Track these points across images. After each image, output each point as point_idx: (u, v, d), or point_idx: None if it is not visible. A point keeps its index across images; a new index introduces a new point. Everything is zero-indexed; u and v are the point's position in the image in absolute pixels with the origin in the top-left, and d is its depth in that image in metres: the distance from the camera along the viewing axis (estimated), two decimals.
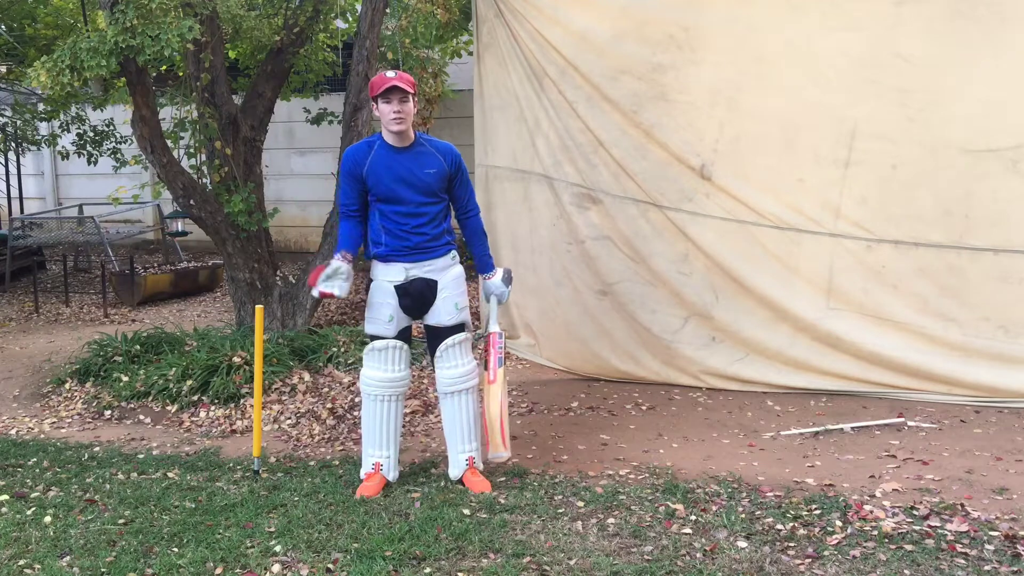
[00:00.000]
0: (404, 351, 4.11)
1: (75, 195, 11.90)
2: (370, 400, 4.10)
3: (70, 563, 3.38)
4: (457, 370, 4.10)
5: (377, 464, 4.11)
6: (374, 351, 4.08)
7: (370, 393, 4.09)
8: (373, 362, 4.08)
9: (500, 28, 5.81)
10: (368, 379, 4.09)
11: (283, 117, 9.55)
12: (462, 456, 4.14)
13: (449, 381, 4.11)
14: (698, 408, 5.28)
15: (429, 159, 4.05)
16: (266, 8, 6.93)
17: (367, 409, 4.13)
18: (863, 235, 5.17)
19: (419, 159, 4.04)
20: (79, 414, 5.62)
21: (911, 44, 4.96)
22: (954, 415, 4.93)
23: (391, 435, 4.13)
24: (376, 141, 4.07)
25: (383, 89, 3.92)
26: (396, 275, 4.06)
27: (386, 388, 4.08)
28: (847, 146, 5.13)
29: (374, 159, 4.01)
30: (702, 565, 3.22)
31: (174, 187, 6.24)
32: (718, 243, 5.41)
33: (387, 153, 4.02)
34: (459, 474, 4.13)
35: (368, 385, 4.09)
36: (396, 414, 4.13)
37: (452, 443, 4.16)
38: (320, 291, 4.03)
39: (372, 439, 4.12)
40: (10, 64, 9.53)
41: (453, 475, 4.14)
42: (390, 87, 3.91)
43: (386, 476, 4.12)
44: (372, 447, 4.12)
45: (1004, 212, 4.95)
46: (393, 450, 4.13)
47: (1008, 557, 3.20)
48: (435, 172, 4.04)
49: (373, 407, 4.10)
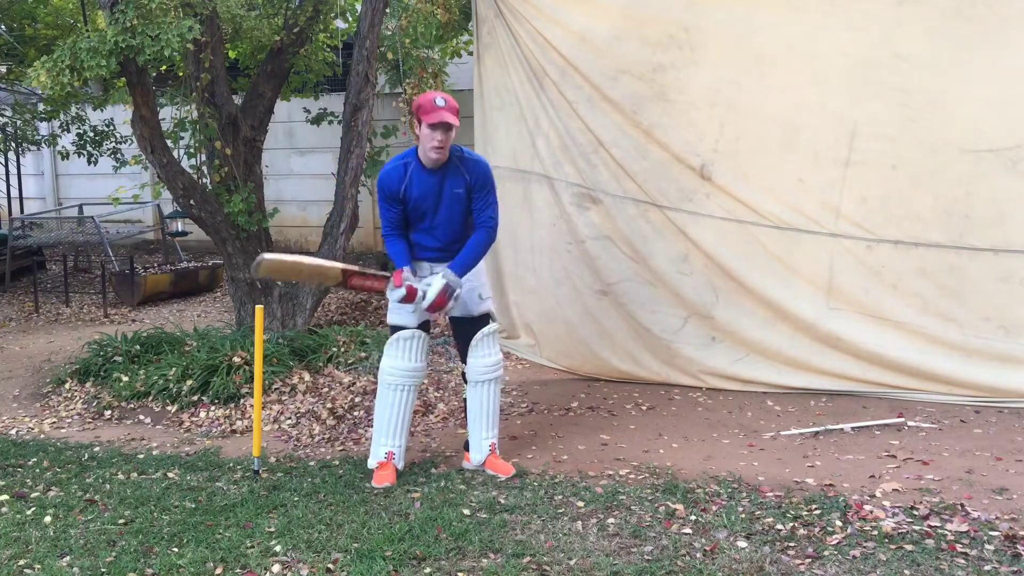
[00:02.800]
0: (425, 342, 4.24)
1: (75, 195, 11.89)
2: (389, 389, 4.18)
3: (70, 563, 3.38)
4: (489, 359, 4.24)
5: (390, 453, 4.21)
6: (399, 340, 4.15)
7: (391, 382, 4.17)
8: (397, 351, 4.16)
9: (500, 28, 5.82)
10: (391, 368, 4.17)
11: (283, 117, 9.55)
12: (485, 442, 4.27)
13: (482, 369, 4.23)
14: (698, 408, 5.28)
15: (458, 179, 4.14)
16: (266, 8, 6.93)
17: (384, 398, 4.20)
18: (863, 235, 5.17)
19: (451, 179, 4.12)
20: (79, 414, 5.62)
21: (911, 44, 4.96)
22: (954, 415, 4.93)
23: (405, 425, 4.25)
24: (411, 163, 4.11)
25: (435, 121, 3.95)
26: (423, 273, 4.19)
27: (406, 377, 4.18)
28: (847, 146, 5.13)
29: (409, 183, 4.09)
30: (702, 565, 3.22)
31: (174, 187, 6.24)
32: (718, 243, 5.41)
33: (421, 176, 4.10)
34: (482, 459, 4.27)
35: (390, 374, 4.17)
36: (411, 404, 4.27)
37: (476, 430, 4.29)
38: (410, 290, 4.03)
39: (386, 428, 4.21)
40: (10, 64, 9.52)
41: (476, 460, 4.27)
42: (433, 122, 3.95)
43: (396, 465, 4.22)
44: (385, 436, 4.21)
45: (1004, 212, 4.95)
46: (404, 440, 4.27)
47: (1008, 557, 3.20)
48: (462, 192, 4.15)
49: (392, 396, 4.18)
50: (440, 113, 3.96)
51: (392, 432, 4.21)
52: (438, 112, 3.96)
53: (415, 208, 4.12)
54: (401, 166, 4.12)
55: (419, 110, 4.01)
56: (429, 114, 3.96)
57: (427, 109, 3.97)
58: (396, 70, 8.10)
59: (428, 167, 4.10)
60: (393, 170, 4.12)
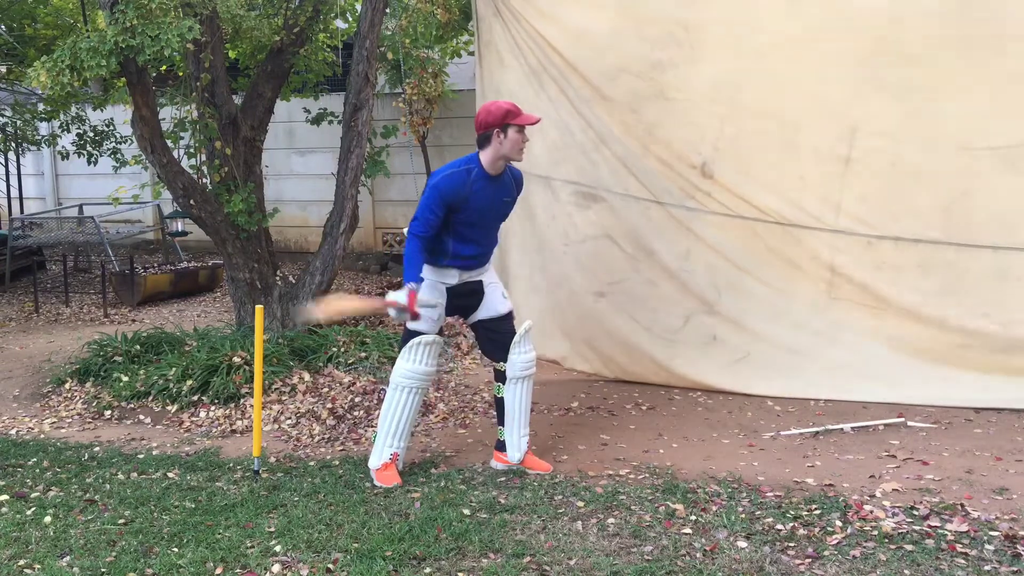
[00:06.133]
0: (440, 347, 4.31)
1: (75, 195, 11.89)
2: (403, 392, 4.21)
3: (70, 563, 3.38)
4: (530, 355, 4.33)
5: (395, 454, 4.24)
6: (420, 345, 4.18)
7: (406, 386, 4.20)
8: (416, 356, 4.19)
9: (499, 27, 5.82)
10: (408, 372, 4.20)
11: (283, 117, 9.55)
12: (524, 439, 4.32)
13: (524, 365, 4.29)
14: (698, 408, 5.28)
15: (508, 188, 4.24)
16: (266, 8, 6.92)
17: (396, 401, 4.22)
18: (863, 231, 5.17)
19: (503, 188, 4.21)
20: (79, 414, 5.62)
21: (911, 43, 4.97)
22: (954, 415, 4.93)
23: (410, 427, 4.32)
24: (474, 169, 4.10)
25: (529, 121, 4.07)
26: (451, 279, 4.22)
27: (422, 381, 4.24)
28: (847, 143, 5.14)
29: (472, 190, 4.09)
30: (702, 565, 3.22)
31: (174, 187, 6.24)
32: (719, 240, 5.41)
33: (485, 183, 4.13)
34: (521, 457, 4.30)
35: (407, 378, 4.20)
36: (419, 407, 4.34)
37: (516, 427, 4.32)
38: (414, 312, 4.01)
39: (394, 430, 4.23)
40: (10, 64, 9.53)
41: (515, 458, 4.30)
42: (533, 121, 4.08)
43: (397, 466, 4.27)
44: (392, 437, 4.24)
45: (1003, 210, 4.96)
46: (407, 441, 4.32)
47: (1008, 557, 3.20)
48: (510, 200, 4.28)
49: (405, 399, 4.21)
50: (530, 115, 4.11)
51: (399, 433, 4.25)
52: (528, 115, 4.09)
53: (470, 215, 4.09)
54: (464, 172, 4.09)
55: (506, 116, 4.04)
56: (520, 116, 4.05)
57: (516, 112, 4.06)
58: (396, 70, 8.11)
59: (493, 175, 4.12)
60: (456, 175, 4.08)
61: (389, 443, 4.23)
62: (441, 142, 9.89)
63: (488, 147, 4.07)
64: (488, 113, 4.06)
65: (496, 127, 4.03)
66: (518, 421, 4.32)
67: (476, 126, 4.09)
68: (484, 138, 4.07)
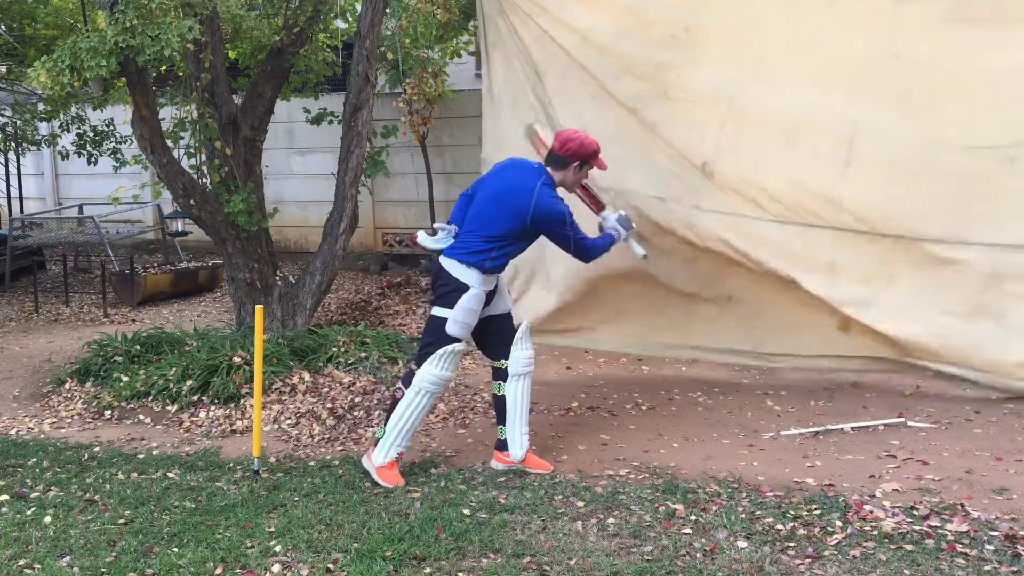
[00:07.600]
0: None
1: (75, 195, 11.88)
2: (424, 396, 4.23)
3: (70, 563, 3.38)
4: (530, 351, 4.41)
5: (401, 453, 4.28)
6: (451, 353, 4.22)
7: (428, 390, 4.23)
8: (444, 362, 4.22)
9: (504, 27, 5.83)
10: (434, 377, 4.22)
11: (283, 117, 9.55)
12: (526, 436, 4.35)
13: (525, 362, 4.37)
14: (698, 408, 5.28)
15: None
16: (266, 8, 6.93)
17: (415, 404, 4.23)
18: (864, 230, 5.17)
19: None
20: (79, 414, 5.62)
21: (911, 43, 4.98)
22: (954, 415, 4.93)
23: (418, 428, 4.41)
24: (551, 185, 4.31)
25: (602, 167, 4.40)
26: (490, 285, 4.31)
27: (442, 387, 4.30)
28: (847, 144, 5.14)
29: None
30: (702, 565, 3.22)
31: (174, 187, 6.24)
32: (722, 239, 5.41)
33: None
34: (523, 454, 4.32)
35: (432, 383, 4.22)
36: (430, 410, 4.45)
37: (517, 424, 4.35)
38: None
39: (406, 432, 4.27)
40: (10, 64, 9.52)
41: (518, 456, 4.32)
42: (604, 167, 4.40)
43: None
44: (402, 438, 4.27)
45: (1001, 208, 4.96)
46: (411, 441, 4.39)
47: (1008, 557, 3.20)
48: None
49: (423, 402, 4.25)
50: (602, 160, 4.39)
51: (409, 435, 4.29)
52: (601, 159, 4.37)
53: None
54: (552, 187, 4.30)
55: (595, 154, 4.34)
56: (599, 159, 4.35)
57: (596, 152, 4.33)
58: (396, 70, 8.11)
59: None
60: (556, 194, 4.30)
61: (398, 443, 4.25)
62: (441, 142, 9.89)
63: (562, 171, 4.30)
64: (582, 146, 4.28)
65: (582, 160, 4.28)
66: (519, 418, 4.34)
67: (563, 149, 4.27)
68: (563, 162, 4.28)
